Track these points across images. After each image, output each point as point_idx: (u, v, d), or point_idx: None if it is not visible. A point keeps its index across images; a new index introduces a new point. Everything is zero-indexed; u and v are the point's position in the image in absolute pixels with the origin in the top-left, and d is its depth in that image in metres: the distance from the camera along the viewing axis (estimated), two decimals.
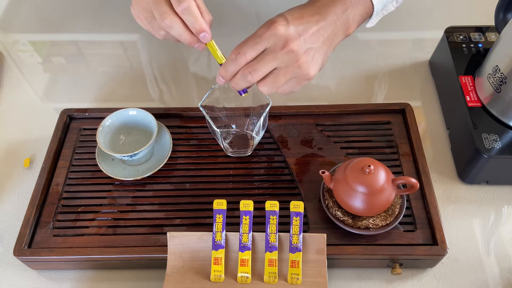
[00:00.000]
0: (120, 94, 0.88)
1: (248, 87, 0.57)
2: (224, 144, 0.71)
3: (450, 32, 0.81)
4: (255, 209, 0.63)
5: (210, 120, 0.67)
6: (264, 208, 0.63)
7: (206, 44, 0.58)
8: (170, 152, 0.72)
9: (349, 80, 0.87)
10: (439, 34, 0.82)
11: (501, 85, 0.67)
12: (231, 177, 0.71)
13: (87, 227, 0.67)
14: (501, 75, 0.67)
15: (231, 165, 0.72)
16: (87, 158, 0.74)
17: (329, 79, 0.87)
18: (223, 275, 0.62)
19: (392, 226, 0.63)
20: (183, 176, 0.72)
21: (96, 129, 0.71)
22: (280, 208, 0.63)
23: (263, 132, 0.72)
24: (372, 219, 0.63)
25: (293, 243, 0.62)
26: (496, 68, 0.67)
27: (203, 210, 0.68)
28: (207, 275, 0.62)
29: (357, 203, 0.61)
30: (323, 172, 0.63)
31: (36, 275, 0.68)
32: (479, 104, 0.71)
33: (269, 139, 0.75)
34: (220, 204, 0.63)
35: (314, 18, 0.55)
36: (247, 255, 0.62)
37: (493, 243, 0.67)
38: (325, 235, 0.62)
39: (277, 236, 0.62)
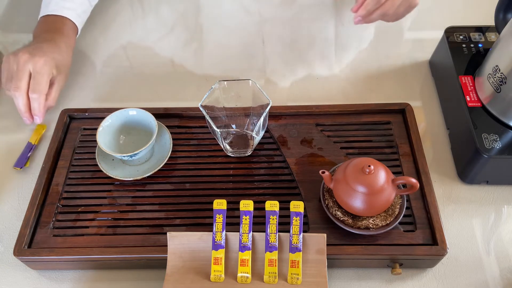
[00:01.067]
0: (120, 94, 0.88)
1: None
2: (224, 144, 0.71)
3: (450, 32, 0.81)
4: (255, 209, 0.63)
5: (210, 120, 0.67)
6: (264, 208, 0.63)
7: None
8: (170, 152, 0.72)
9: (349, 80, 0.87)
10: (439, 34, 0.82)
11: (501, 85, 0.67)
12: (231, 177, 0.71)
13: (87, 227, 0.67)
14: (501, 75, 0.67)
15: (231, 165, 0.72)
16: (87, 158, 0.74)
17: (329, 79, 0.87)
18: (223, 275, 0.62)
19: (392, 226, 0.63)
20: (183, 176, 0.72)
21: (96, 129, 0.71)
22: (280, 208, 0.63)
23: (263, 132, 0.72)
24: (372, 219, 0.63)
25: (293, 243, 0.62)
26: (496, 68, 0.67)
27: (203, 210, 0.68)
28: (207, 275, 0.62)
29: (357, 203, 0.61)
30: (323, 172, 0.63)
31: (36, 275, 0.68)
32: (479, 104, 0.71)
33: (269, 139, 0.75)
34: (220, 204, 0.63)
35: None
36: (247, 255, 0.62)
37: (493, 243, 0.67)
38: (325, 235, 0.62)
39: (277, 236, 0.62)
